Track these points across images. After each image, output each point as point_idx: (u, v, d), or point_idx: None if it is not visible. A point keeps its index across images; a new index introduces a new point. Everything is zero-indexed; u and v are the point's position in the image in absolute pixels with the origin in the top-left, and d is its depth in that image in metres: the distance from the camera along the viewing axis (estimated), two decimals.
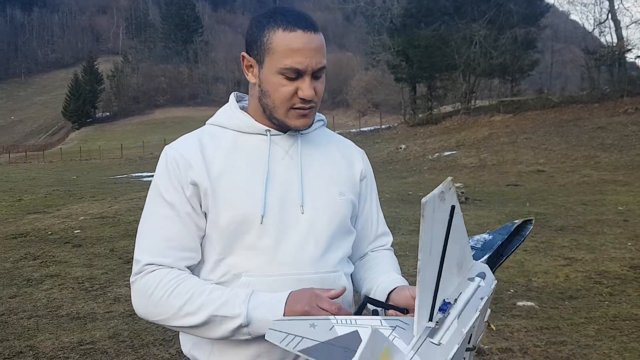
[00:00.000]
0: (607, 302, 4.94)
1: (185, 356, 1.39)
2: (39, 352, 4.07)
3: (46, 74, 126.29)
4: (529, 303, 4.99)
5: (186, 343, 1.38)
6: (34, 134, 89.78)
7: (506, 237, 1.21)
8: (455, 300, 0.95)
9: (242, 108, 1.41)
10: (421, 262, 0.85)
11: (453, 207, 0.90)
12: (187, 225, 1.28)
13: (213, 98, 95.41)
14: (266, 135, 1.34)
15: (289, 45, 1.23)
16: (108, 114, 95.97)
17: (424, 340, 0.88)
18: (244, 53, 1.33)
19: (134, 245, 1.33)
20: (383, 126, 38.97)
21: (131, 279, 1.28)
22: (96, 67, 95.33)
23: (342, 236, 1.37)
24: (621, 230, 7.96)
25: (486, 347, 4.00)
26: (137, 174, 26.15)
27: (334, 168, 1.40)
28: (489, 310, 1.12)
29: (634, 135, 19.89)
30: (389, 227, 1.57)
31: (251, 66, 1.32)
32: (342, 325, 0.96)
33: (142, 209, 1.34)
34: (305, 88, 1.25)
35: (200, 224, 1.29)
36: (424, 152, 25.23)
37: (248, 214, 1.26)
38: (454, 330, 0.89)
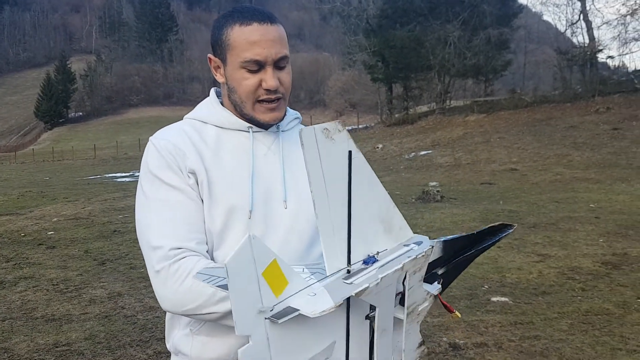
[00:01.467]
0: (579, 298, 5.05)
1: (169, 352, 1.39)
2: (14, 355, 4.02)
3: (17, 73, 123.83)
4: (503, 299, 5.07)
5: (169, 337, 1.38)
6: (5, 134, 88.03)
7: (476, 233, 1.23)
8: (379, 253, 0.97)
9: (221, 104, 1.42)
10: (314, 194, 0.87)
11: (350, 152, 0.91)
12: (200, 208, 1.27)
13: (188, 97, 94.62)
14: (248, 132, 1.36)
15: (246, 38, 1.26)
16: (81, 114, 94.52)
17: (336, 279, 0.90)
18: (210, 55, 1.37)
19: (110, 246, 1.31)
20: (360, 126, 39.14)
21: (156, 267, 1.20)
22: (69, 66, 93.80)
23: None
24: (593, 227, 8.12)
25: (461, 342, 4.06)
26: (110, 175, 25.83)
27: None
28: (438, 286, 1.13)
29: (606, 134, 20.29)
30: None
31: (218, 66, 1.35)
32: None
33: (116, 210, 1.33)
34: (268, 78, 1.27)
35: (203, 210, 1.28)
36: (401, 151, 25.40)
37: (237, 208, 1.28)
38: (370, 276, 0.90)
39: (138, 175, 1.34)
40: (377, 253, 0.97)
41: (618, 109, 23.76)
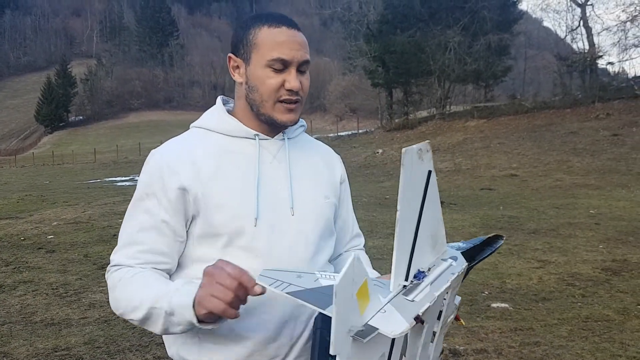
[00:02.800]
0: (579, 304, 5.05)
1: (170, 359, 1.38)
2: (13, 359, 4.01)
3: (18, 77, 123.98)
4: (503, 304, 5.07)
5: (172, 345, 1.37)
6: (6, 138, 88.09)
7: (478, 244, 1.27)
8: (429, 269, 1.00)
9: (228, 111, 1.42)
10: (400, 213, 0.89)
11: (430, 172, 0.95)
12: (162, 232, 1.29)
13: (189, 102, 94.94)
14: (255, 139, 1.36)
15: (274, 38, 1.29)
16: (81, 117, 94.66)
17: (398, 295, 0.93)
18: (230, 54, 1.38)
19: (110, 250, 1.35)
20: (360, 131, 39.12)
21: (105, 276, 1.34)
22: (69, 70, 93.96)
23: (327, 238, 1.41)
24: (593, 233, 8.12)
25: (461, 348, 4.05)
26: (110, 179, 25.84)
27: (318, 172, 1.44)
28: (458, 298, 1.18)
29: (605, 140, 20.30)
30: (367, 231, 1.63)
31: (238, 66, 1.36)
32: (325, 279, 1.06)
33: (116, 214, 1.38)
34: (292, 79, 1.29)
35: (179, 231, 1.30)
36: (401, 156, 25.39)
37: (242, 216, 1.28)
38: (427, 293, 0.95)
39: (138, 180, 1.37)
40: (428, 269, 1.00)
41: (618, 115, 23.77)
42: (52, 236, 9.21)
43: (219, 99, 1.46)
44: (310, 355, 1.10)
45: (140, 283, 1.24)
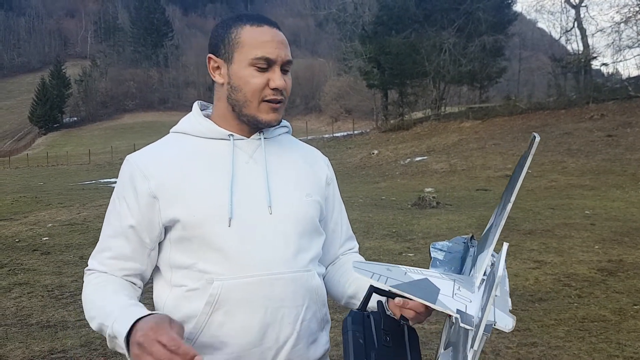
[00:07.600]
0: (576, 304, 5.06)
1: None
2: None
3: (12, 78, 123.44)
4: None
5: None
6: None
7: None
8: (493, 264, 1.03)
9: (206, 116, 1.41)
10: (511, 205, 0.93)
11: (525, 157, 0.96)
12: (129, 238, 1.31)
13: (184, 103, 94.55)
14: (229, 140, 1.34)
15: (258, 37, 1.28)
16: (76, 119, 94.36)
17: (484, 291, 0.97)
18: (210, 55, 1.35)
19: None
20: (356, 132, 39.09)
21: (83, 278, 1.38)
22: (64, 71, 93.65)
23: (312, 236, 1.37)
24: (588, 234, 8.14)
25: None
26: (105, 180, 25.75)
27: (299, 171, 1.41)
28: None
29: (600, 141, 20.36)
30: (362, 232, 1.62)
31: (218, 67, 1.34)
32: (413, 273, 1.07)
33: None
34: (277, 78, 1.28)
35: (144, 237, 1.30)
36: (396, 157, 25.42)
37: (214, 217, 1.26)
38: (501, 287, 0.98)
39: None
40: (492, 264, 1.02)
41: (612, 116, 23.86)
42: (47, 238, 9.18)
43: (195, 104, 1.45)
44: (344, 358, 1.08)
45: (101, 294, 1.26)
